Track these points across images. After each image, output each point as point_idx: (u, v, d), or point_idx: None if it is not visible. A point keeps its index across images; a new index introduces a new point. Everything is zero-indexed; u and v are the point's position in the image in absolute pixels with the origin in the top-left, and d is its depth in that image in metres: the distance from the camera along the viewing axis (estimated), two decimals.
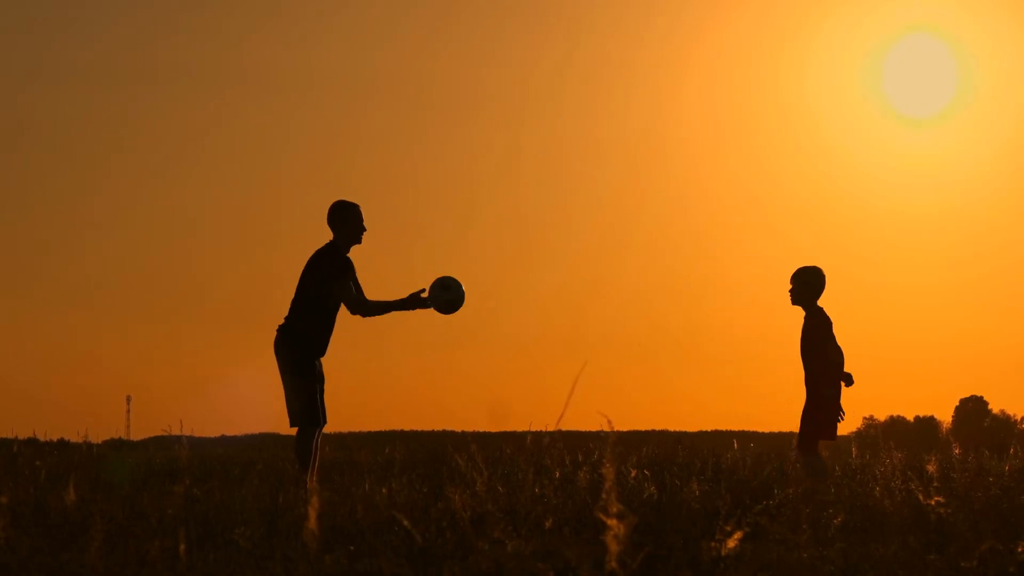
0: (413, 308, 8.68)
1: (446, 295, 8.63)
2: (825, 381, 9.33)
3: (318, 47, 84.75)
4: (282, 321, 8.67)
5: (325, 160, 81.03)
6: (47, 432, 22.91)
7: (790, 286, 9.48)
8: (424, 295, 8.66)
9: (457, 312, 8.68)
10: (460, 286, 8.65)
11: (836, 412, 9.32)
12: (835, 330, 9.44)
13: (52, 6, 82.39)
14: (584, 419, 8.01)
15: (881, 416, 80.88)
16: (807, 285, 9.43)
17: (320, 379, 8.66)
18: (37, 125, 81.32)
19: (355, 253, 8.77)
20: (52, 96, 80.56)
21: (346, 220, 8.67)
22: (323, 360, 8.74)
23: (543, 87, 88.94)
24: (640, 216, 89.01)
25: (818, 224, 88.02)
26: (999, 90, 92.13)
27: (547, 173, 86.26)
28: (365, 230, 8.72)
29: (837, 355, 9.39)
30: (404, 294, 8.71)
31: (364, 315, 8.65)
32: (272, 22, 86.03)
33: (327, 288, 8.56)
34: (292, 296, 8.71)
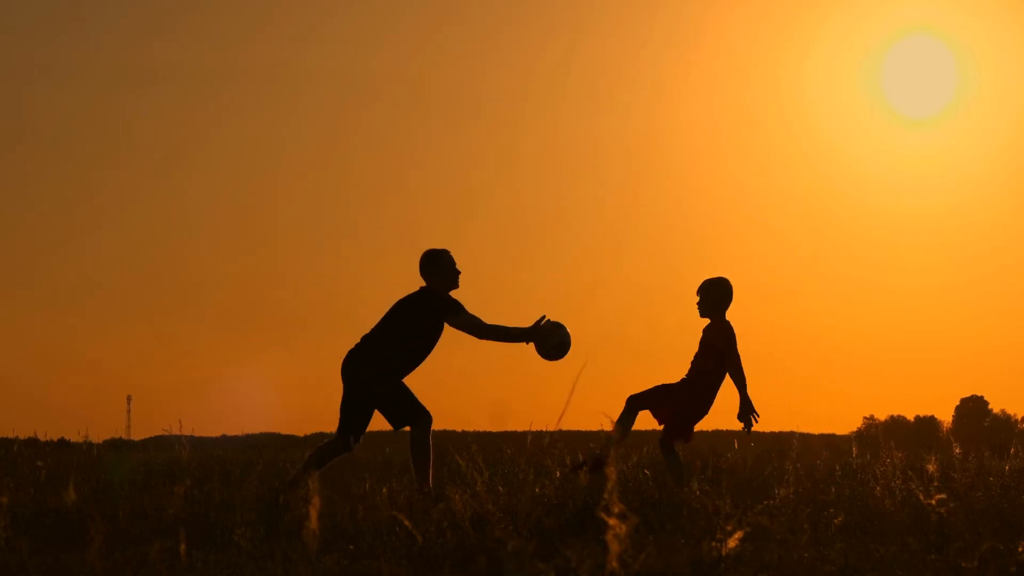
0: (528, 340, 8.43)
1: (555, 351, 8.57)
2: (707, 394, 9.24)
3: (318, 47, 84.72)
4: (355, 347, 8.49)
5: (325, 160, 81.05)
6: (47, 432, 22.93)
7: (697, 299, 9.32)
8: (544, 322, 8.45)
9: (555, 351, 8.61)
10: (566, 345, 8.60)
11: (698, 421, 9.28)
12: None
13: (52, 6, 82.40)
14: (584, 419, 8.03)
15: (881, 416, 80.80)
16: (715, 297, 9.28)
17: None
18: (37, 125, 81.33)
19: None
20: (52, 96, 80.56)
21: (437, 268, 8.49)
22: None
23: (543, 87, 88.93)
24: (640, 216, 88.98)
25: (818, 224, 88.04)
26: (999, 90, 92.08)
27: (547, 173, 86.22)
28: (460, 272, 8.55)
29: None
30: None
31: (486, 338, 8.45)
32: (272, 22, 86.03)
33: (410, 332, 8.41)
34: (370, 326, 8.51)
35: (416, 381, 8.56)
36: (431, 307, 8.46)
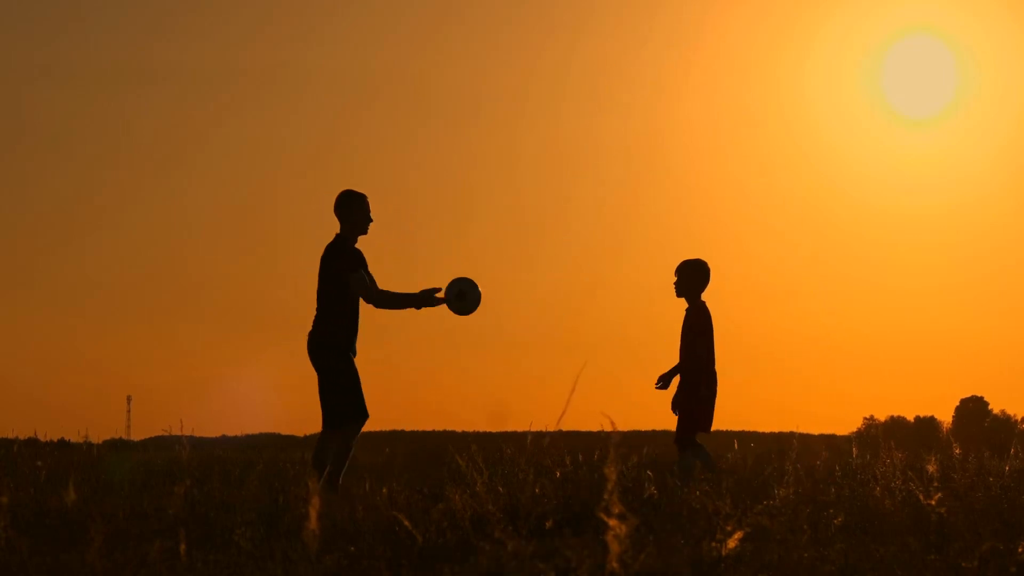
0: (426, 306, 8.59)
1: (460, 304, 8.59)
2: (704, 379, 9.24)
3: (318, 47, 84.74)
4: (310, 327, 8.57)
5: (325, 160, 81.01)
6: (47, 432, 22.93)
7: (674, 278, 9.36)
8: (439, 295, 8.61)
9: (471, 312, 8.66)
10: (476, 294, 8.61)
11: (712, 407, 9.27)
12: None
13: (52, 6, 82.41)
14: (584, 419, 8.02)
15: (881, 416, 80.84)
16: (692, 278, 9.31)
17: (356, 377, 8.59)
18: (37, 125, 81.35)
19: (364, 249, 8.71)
20: (52, 96, 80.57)
21: (353, 210, 8.59)
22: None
23: (543, 87, 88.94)
24: (640, 216, 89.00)
25: (818, 224, 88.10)
26: (999, 90, 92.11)
27: (547, 173, 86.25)
28: (372, 220, 8.63)
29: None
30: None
31: (379, 306, 8.55)
32: (272, 22, 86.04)
33: (343, 283, 8.48)
34: (314, 299, 8.62)
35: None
36: (338, 264, 8.48)
